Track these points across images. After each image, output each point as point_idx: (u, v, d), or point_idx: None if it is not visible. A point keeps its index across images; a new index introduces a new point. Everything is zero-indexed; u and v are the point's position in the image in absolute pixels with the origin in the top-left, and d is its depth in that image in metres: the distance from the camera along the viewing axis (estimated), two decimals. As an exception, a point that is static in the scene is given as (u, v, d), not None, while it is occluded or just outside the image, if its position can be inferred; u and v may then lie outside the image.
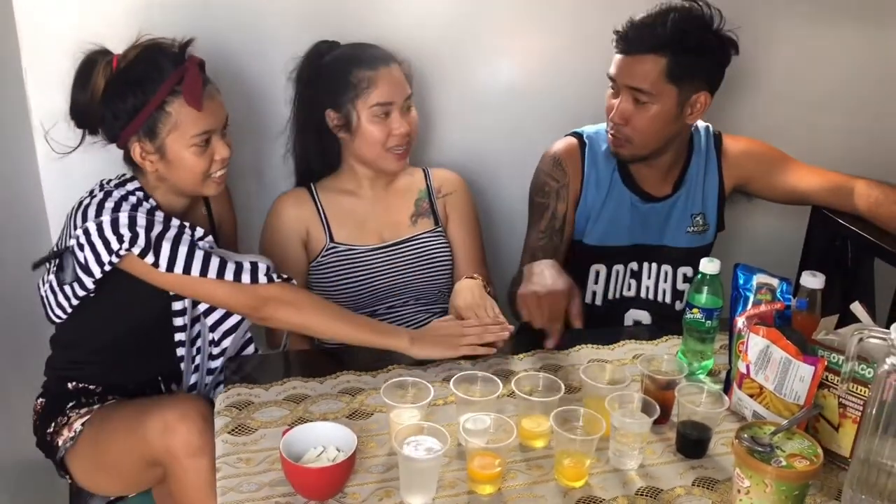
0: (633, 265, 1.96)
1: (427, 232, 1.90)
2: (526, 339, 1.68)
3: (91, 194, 1.58)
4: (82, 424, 1.60)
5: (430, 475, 1.23)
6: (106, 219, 1.50)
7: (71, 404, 1.64)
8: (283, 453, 1.21)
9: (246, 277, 1.54)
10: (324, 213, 1.86)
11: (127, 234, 1.49)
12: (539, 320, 1.58)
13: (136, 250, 1.49)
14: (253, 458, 1.32)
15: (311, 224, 1.85)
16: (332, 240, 1.85)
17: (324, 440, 1.28)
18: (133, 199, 1.58)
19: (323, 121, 1.83)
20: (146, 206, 1.59)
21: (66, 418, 1.63)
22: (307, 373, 1.57)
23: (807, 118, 2.39)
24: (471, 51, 2.15)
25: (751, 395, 1.40)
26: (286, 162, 1.98)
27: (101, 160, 1.67)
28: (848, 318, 1.42)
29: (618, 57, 1.78)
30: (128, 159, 1.60)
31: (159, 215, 1.58)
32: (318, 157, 1.90)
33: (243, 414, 1.43)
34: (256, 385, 1.52)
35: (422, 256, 1.89)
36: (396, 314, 1.88)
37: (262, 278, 1.56)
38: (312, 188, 1.89)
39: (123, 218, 1.50)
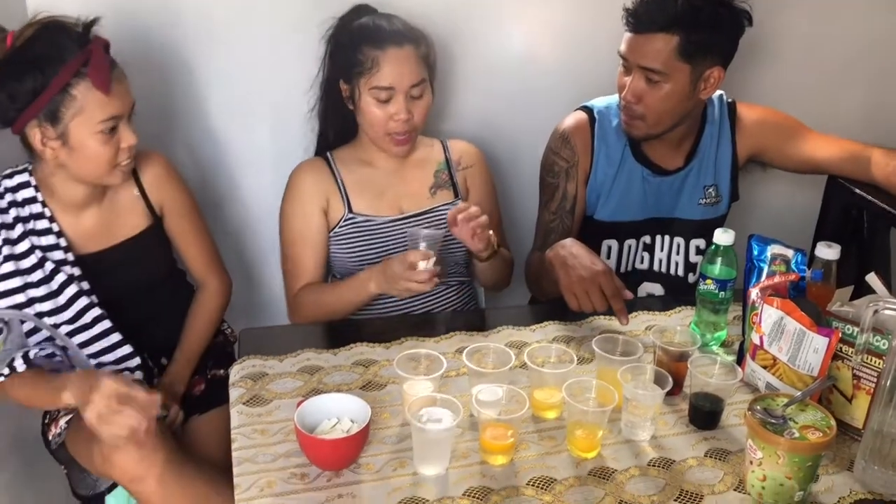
0: (646, 238, 1.95)
1: (447, 204, 1.87)
2: (539, 310, 1.68)
3: None
4: (67, 423, 1.62)
5: (443, 446, 1.24)
6: None
7: None
8: (297, 425, 1.22)
9: None
10: (342, 183, 1.84)
11: None
12: (599, 303, 1.55)
13: None
14: (268, 429, 1.33)
15: (330, 193, 1.83)
16: (350, 210, 1.83)
17: (338, 411, 1.28)
18: (7, 197, 1.51)
19: (339, 88, 1.82)
20: (25, 211, 1.51)
21: (56, 412, 1.64)
22: (321, 344, 1.58)
23: (823, 87, 2.36)
24: (488, 20, 2.12)
25: (764, 367, 1.40)
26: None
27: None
28: (863, 290, 1.41)
29: (628, 35, 1.74)
30: (26, 145, 1.51)
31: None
32: (338, 123, 1.89)
33: (258, 385, 1.44)
34: (271, 357, 1.53)
35: (440, 228, 1.87)
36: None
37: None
38: (329, 158, 1.87)
39: None
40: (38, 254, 1.52)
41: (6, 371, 1.46)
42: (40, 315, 1.52)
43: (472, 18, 2.10)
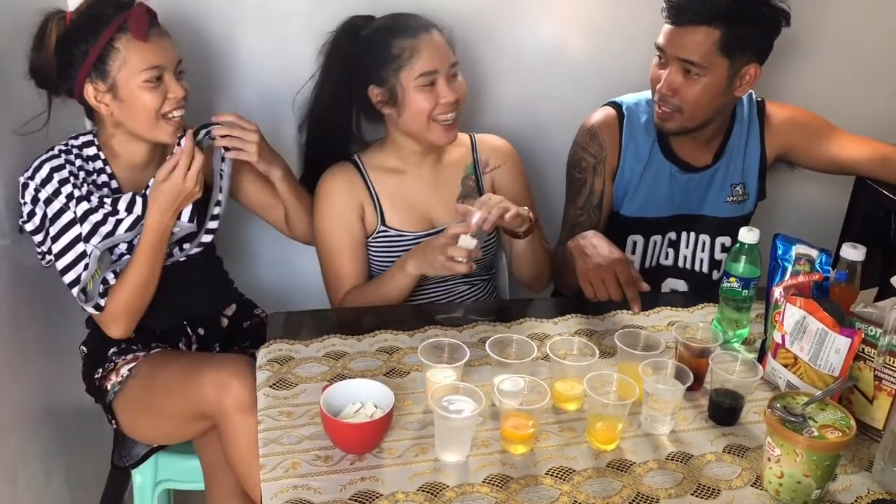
0: (671, 235, 1.96)
1: None
2: (562, 303, 1.69)
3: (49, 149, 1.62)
4: (129, 370, 1.67)
5: (464, 434, 1.26)
6: (21, 180, 1.58)
7: (113, 350, 1.70)
8: (323, 408, 1.25)
9: (76, 289, 1.60)
10: (375, 193, 1.81)
11: (27, 207, 1.58)
12: (614, 290, 1.57)
13: (30, 227, 1.59)
14: (294, 411, 1.36)
15: (364, 202, 1.81)
16: (383, 223, 1.82)
17: (362, 396, 1.31)
18: (74, 157, 1.62)
19: (353, 98, 1.80)
20: (90, 166, 1.64)
21: (112, 364, 1.69)
22: (346, 331, 1.60)
23: (853, 87, 2.34)
24: (514, 11, 2.12)
25: (785, 365, 1.41)
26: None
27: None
28: (888, 292, 1.41)
29: (668, 27, 1.74)
30: (89, 113, 1.65)
31: (74, 192, 1.59)
32: (331, 135, 1.86)
33: (284, 369, 1.47)
34: (297, 341, 1.56)
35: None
36: (439, 287, 1.87)
37: (89, 308, 1.63)
38: (360, 164, 1.83)
39: (30, 187, 1.57)
40: (100, 199, 1.63)
41: (102, 301, 1.63)
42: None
43: (500, 10, 2.10)
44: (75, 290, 1.60)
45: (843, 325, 1.31)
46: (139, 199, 1.64)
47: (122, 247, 1.67)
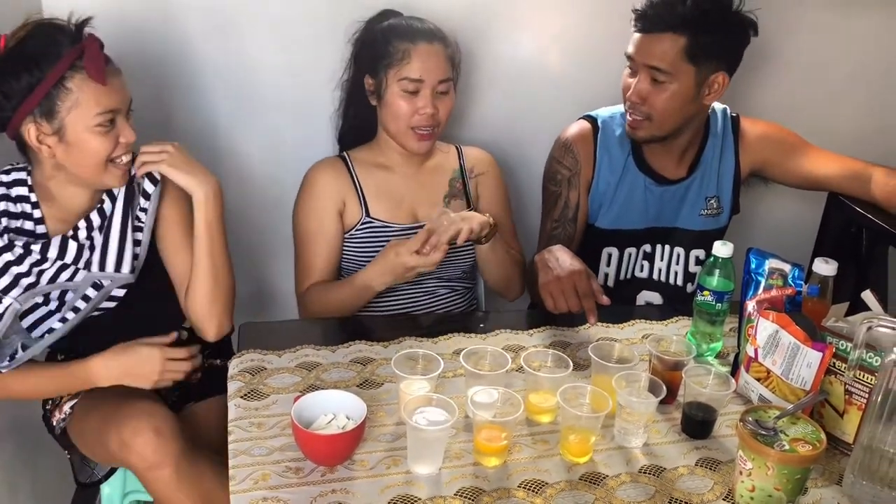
0: (646, 247, 1.97)
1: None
2: (537, 315, 1.69)
3: None
4: (71, 407, 1.63)
5: (437, 446, 1.25)
6: None
7: None
8: (294, 419, 1.24)
9: None
10: (360, 186, 1.85)
11: None
12: (572, 302, 1.57)
13: None
14: (264, 422, 1.35)
15: (347, 195, 1.84)
16: (367, 214, 1.84)
17: (334, 408, 1.30)
18: (3, 192, 1.49)
19: (363, 86, 1.83)
20: (16, 207, 1.49)
21: (59, 398, 1.66)
22: (320, 341, 1.59)
23: (828, 103, 2.37)
24: (497, 27, 2.13)
25: (758, 379, 1.42)
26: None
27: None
28: (859, 307, 1.42)
29: (636, 36, 1.76)
30: (21, 147, 1.48)
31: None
32: (356, 123, 1.91)
33: (256, 379, 1.46)
34: (269, 351, 1.54)
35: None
36: (420, 288, 1.88)
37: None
38: (347, 159, 1.88)
39: None
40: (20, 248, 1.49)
41: (5, 363, 1.47)
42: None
43: (487, 27, 2.12)
44: None
45: (814, 340, 1.32)
46: (71, 244, 1.51)
47: (41, 310, 1.53)
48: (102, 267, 1.55)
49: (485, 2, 2.10)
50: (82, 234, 1.54)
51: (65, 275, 1.52)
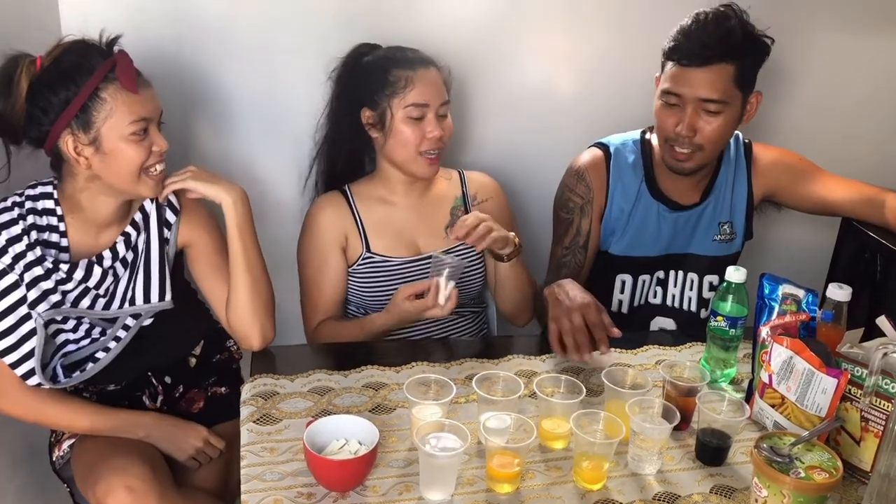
0: (660, 273, 1.96)
1: (462, 243, 1.88)
2: (548, 342, 1.69)
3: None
4: (70, 447, 1.64)
5: (449, 472, 1.24)
6: None
7: None
8: (306, 444, 1.24)
9: (11, 358, 1.48)
10: (361, 221, 1.85)
11: None
12: (580, 338, 1.55)
13: None
14: (277, 447, 1.35)
15: (349, 231, 1.85)
16: (368, 249, 1.85)
17: (346, 433, 1.30)
18: (27, 210, 1.51)
19: (357, 121, 1.83)
20: (42, 220, 1.52)
21: (60, 434, 1.67)
22: (332, 366, 1.59)
23: (841, 128, 2.37)
24: (507, 52, 2.15)
25: (772, 405, 1.41)
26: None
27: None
28: (874, 332, 1.41)
29: (679, 69, 1.73)
30: (55, 164, 1.53)
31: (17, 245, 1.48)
32: (349, 159, 1.91)
33: (268, 404, 1.46)
34: (282, 376, 1.55)
35: (463, 266, 1.88)
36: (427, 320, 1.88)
37: (32, 380, 1.50)
38: (348, 193, 1.88)
39: None
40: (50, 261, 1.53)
41: (42, 381, 1.50)
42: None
43: (492, 51, 2.14)
44: (27, 365, 1.48)
45: (829, 366, 1.31)
46: (97, 269, 1.55)
47: (70, 323, 1.56)
48: (147, 298, 1.61)
49: (493, 28, 2.12)
50: (107, 262, 1.57)
51: (93, 302, 1.56)
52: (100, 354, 1.60)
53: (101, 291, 1.57)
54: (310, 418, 1.39)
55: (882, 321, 1.40)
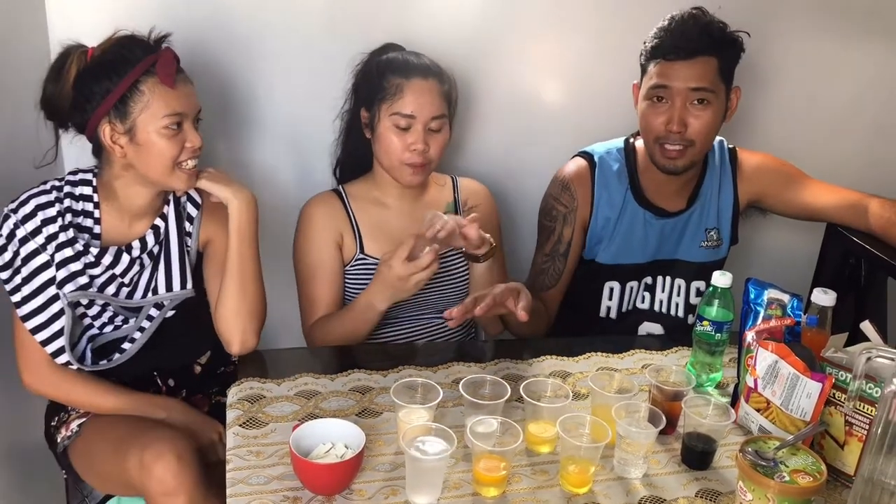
0: (648, 279, 1.97)
1: (452, 249, 1.86)
2: (537, 344, 1.69)
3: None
4: (79, 426, 1.64)
5: (436, 475, 1.24)
6: (4, 210, 1.54)
7: None
8: (292, 448, 1.24)
9: (42, 335, 1.54)
10: (355, 222, 1.85)
11: (0, 241, 1.53)
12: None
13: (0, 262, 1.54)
14: (263, 451, 1.34)
15: (344, 230, 1.84)
16: (362, 251, 1.84)
17: (333, 437, 1.30)
18: (65, 195, 1.57)
19: (359, 118, 1.84)
20: (78, 205, 1.58)
21: (66, 415, 1.67)
22: (319, 369, 1.59)
23: (828, 133, 2.38)
24: (497, 59, 2.15)
25: (757, 410, 1.41)
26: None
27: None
28: (859, 337, 1.42)
29: (667, 64, 1.76)
30: (96, 151, 1.60)
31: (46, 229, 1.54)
32: (354, 154, 1.92)
33: (255, 407, 1.46)
34: (269, 380, 1.54)
35: (448, 271, 1.86)
36: (415, 322, 1.88)
37: (61, 358, 1.56)
38: (343, 194, 1.88)
39: (10, 220, 1.53)
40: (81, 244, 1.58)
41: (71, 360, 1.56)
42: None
43: (487, 59, 2.14)
44: (57, 343, 1.54)
45: (814, 370, 1.32)
46: (125, 256, 1.60)
47: (94, 309, 1.61)
48: (169, 287, 1.65)
49: (485, 35, 2.13)
50: (135, 252, 1.62)
51: (118, 290, 1.61)
52: (125, 345, 1.65)
53: (126, 280, 1.62)
54: (296, 422, 1.38)
55: (866, 326, 1.40)
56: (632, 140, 1.94)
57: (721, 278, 1.53)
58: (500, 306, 1.63)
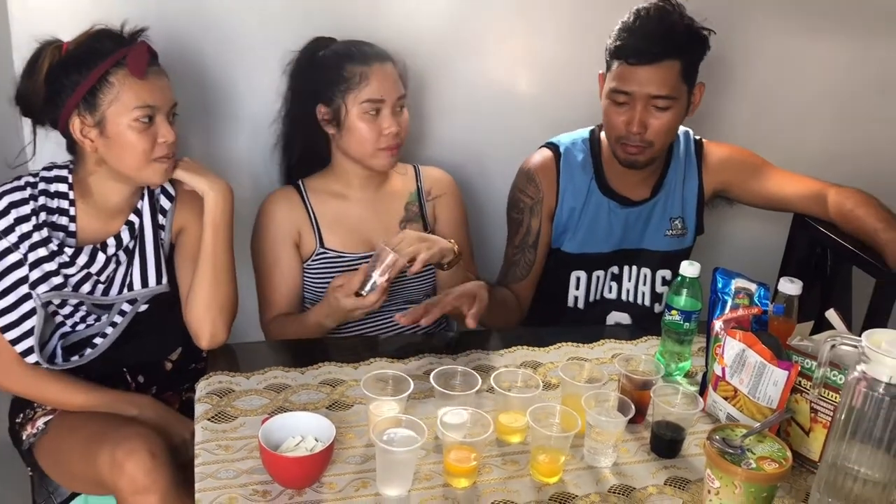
0: (614, 269, 1.98)
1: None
2: (508, 335, 1.70)
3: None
4: (45, 423, 1.62)
5: (406, 467, 1.24)
6: None
7: None
8: (261, 442, 1.23)
9: (12, 334, 1.51)
10: (314, 217, 1.84)
11: None
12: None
13: None
14: (232, 445, 1.33)
15: (302, 227, 1.83)
16: (322, 245, 1.84)
17: (303, 430, 1.29)
18: (39, 192, 1.54)
19: (313, 116, 1.81)
20: (53, 203, 1.55)
21: (32, 412, 1.64)
22: (288, 362, 1.58)
23: (791, 126, 2.41)
24: (466, 48, 2.15)
25: (725, 398, 1.43)
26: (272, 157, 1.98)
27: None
28: (824, 325, 1.44)
29: (628, 68, 1.74)
30: (70, 146, 1.57)
31: (24, 226, 1.51)
32: (305, 154, 1.89)
33: (224, 401, 1.44)
34: (238, 373, 1.53)
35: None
36: (382, 314, 1.87)
37: (30, 357, 1.53)
38: (302, 188, 1.86)
39: None
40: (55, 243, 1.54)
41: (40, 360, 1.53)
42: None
43: (452, 47, 2.13)
44: (26, 342, 1.51)
45: (780, 358, 1.34)
46: (100, 255, 1.57)
47: (66, 308, 1.58)
48: (145, 283, 1.63)
49: (452, 25, 2.12)
50: (111, 250, 1.59)
51: (93, 288, 1.58)
52: (97, 340, 1.62)
53: (102, 278, 1.59)
54: (266, 415, 1.37)
55: (830, 314, 1.42)
56: (597, 130, 1.95)
57: (689, 268, 1.54)
58: (453, 311, 1.64)
